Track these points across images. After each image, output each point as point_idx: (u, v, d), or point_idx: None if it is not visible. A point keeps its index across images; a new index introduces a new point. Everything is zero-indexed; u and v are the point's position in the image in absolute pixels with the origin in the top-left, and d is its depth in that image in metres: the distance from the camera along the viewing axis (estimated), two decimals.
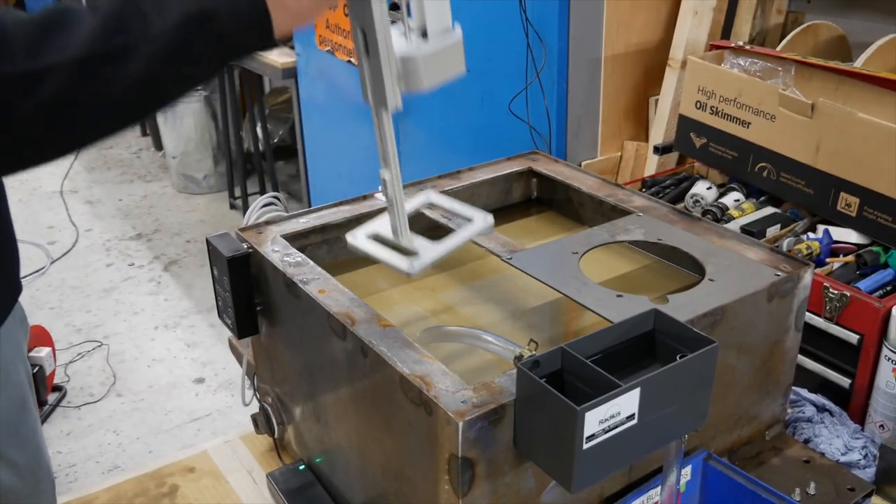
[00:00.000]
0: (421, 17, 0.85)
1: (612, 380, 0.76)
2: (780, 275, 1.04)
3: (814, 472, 1.10)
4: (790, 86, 1.61)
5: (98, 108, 0.66)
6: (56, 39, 0.63)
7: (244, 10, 0.69)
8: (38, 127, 0.64)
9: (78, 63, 0.63)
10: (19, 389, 0.96)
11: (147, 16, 0.65)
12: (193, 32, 0.67)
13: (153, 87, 0.67)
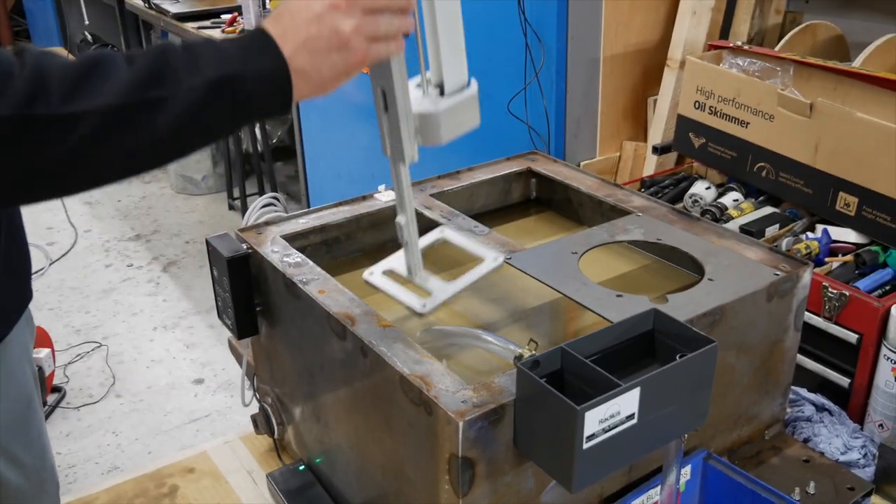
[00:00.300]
0: (439, 73, 0.88)
1: (611, 379, 0.76)
2: (779, 274, 1.04)
3: (813, 471, 1.10)
4: (789, 86, 1.61)
5: (122, 156, 0.68)
6: (92, 86, 0.65)
7: (269, 78, 0.72)
8: (64, 168, 0.66)
9: (111, 111, 0.65)
10: (25, 389, 0.97)
11: (179, 73, 0.68)
12: (220, 94, 0.70)
13: (176, 141, 0.70)
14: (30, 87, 0.63)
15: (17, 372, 0.94)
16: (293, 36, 0.73)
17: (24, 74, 0.64)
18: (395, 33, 0.78)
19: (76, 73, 0.66)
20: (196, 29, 3.64)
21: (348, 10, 0.74)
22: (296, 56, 0.73)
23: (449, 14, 0.86)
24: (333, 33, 0.74)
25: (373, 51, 0.76)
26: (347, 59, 0.75)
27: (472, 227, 1.19)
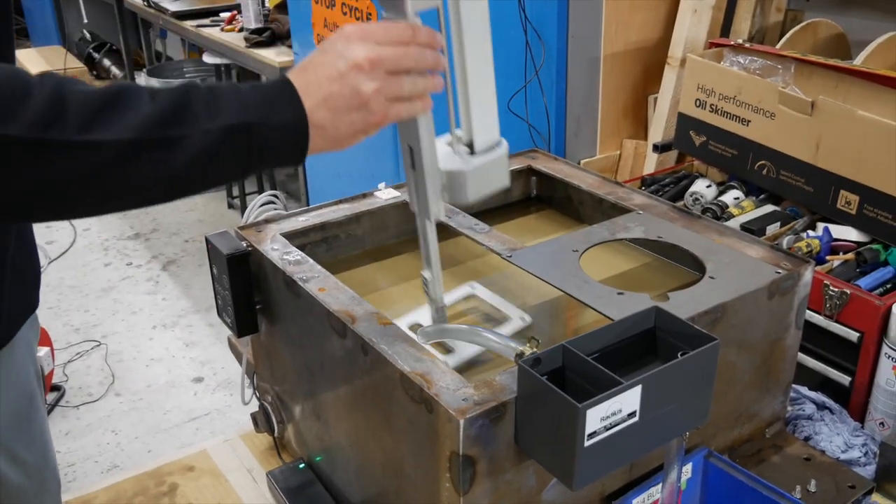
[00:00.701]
0: (469, 132, 0.88)
1: (613, 377, 0.75)
2: (780, 272, 1.04)
3: (814, 469, 1.10)
4: (790, 83, 1.61)
5: (133, 188, 0.68)
6: (112, 116, 0.65)
7: (287, 129, 0.72)
8: (73, 194, 0.66)
9: (127, 144, 0.65)
10: (28, 387, 0.96)
11: (198, 114, 0.68)
12: (236, 141, 0.70)
13: (187, 180, 0.71)
14: (48, 111, 0.63)
15: (20, 370, 0.94)
16: (315, 91, 0.73)
17: (44, 97, 0.64)
18: (420, 93, 0.78)
19: (97, 101, 0.66)
20: (195, 27, 3.63)
21: (371, 71, 0.74)
22: (316, 111, 0.73)
23: (481, 73, 0.86)
24: (354, 93, 0.74)
25: (393, 111, 0.76)
26: (366, 119, 0.76)
27: (473, 225, 1.19)
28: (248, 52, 3.24)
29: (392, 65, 0.74)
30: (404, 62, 0.75)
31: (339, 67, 0.73)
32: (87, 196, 0.67)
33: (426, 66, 0.77)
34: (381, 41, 0.74)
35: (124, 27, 4.95)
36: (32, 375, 0.98)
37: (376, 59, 0.74)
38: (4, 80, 0.63)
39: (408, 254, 1.24)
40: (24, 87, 0.64)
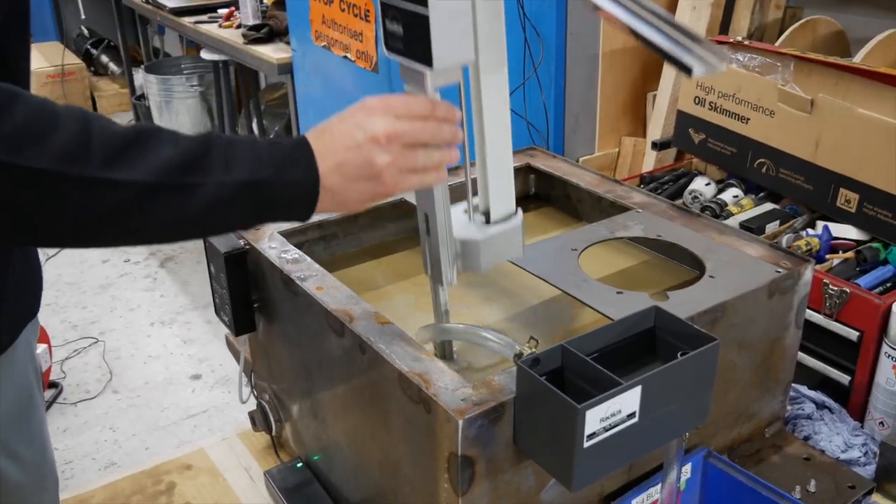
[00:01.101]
0: (486, 202, 0.90)
1: (612, 378, 0.75)
2: (780, 271, 1.04)
3: (814, 469, 1.09)
4: (789, 81, 1.60)
5: (144, 228, 0.70)
6: (134, 157, 0.67)
7: (299, 190, 0.74)
8: (85, 227, 0.68)
9: (146, 186, 0.67)
10: (28, 386, 0.96)
11: (215, 166, 0.70)
12: (248, 196, 0.72)
13: (199, 225, 0.73)
14: (72, 146, 0.64)
15: (20, 369, 0.94)
16: (331, 156, 0.75)
17: (71, 131, 0.65)
18: (435, 166, 0.79)
19: (121, 140, 0.67)
20: (193, 23, 3.62)
21: (388, 145, 0.76)
22: (329, 175, 0.75)
23: (499, 145, 0.89)
24: (367, 164, 0.76)
25: (405, 182, 0.78)
26: (375, 190, 0.77)
27: None
28: (246, 49, 3.23)
29: (409, 139, 0.77)
30: (421, 136, 0.77)
31: (357, 138, 0.76)
32: (102, 231, 0.69)
33: (443, 141, 0.79)
34: (400, 115, 0.77)
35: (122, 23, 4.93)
36: (32, 374, 0.98)
37: (393, 134, 0.76)
38: (34, 112, 0.64)
39: (406, 251, 1.23)
40: (52, 120, 0.65)
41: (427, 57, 0.77)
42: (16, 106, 0.63)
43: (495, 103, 0.87)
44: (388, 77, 2.50)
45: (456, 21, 0.77)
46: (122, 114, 5.53)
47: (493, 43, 0.84)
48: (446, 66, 0.78)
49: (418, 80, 0.80)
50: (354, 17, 2.58)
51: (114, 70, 5.66)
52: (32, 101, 0.65)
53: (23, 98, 0.64)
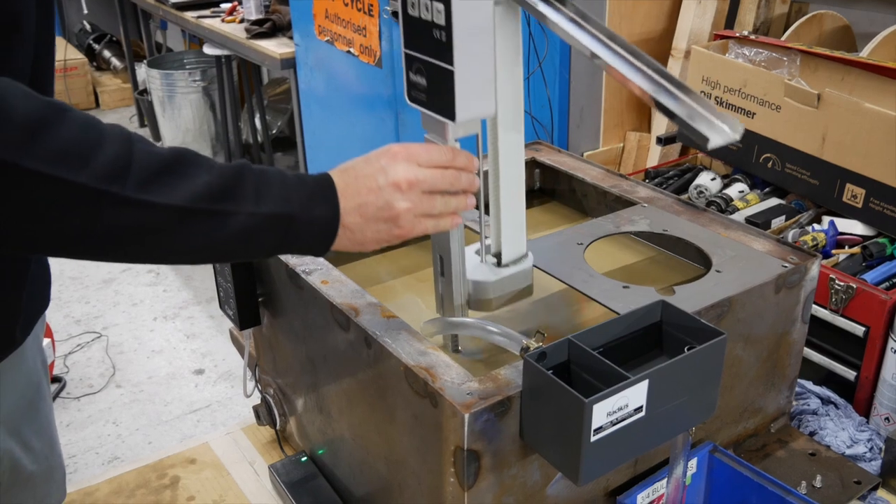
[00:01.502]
0: (497, 245, 0.94)
1: (620, 372, 0.75)
2: (787, 266, 1.03)
3: (819, 464, 1.09)
4: (795, 76, 1.59)
5: (170, 249, 0.72)
6: (170, 181, 0.69)
7: (320, 226, 0.77)
8: (119, 245, 0.70)
9: (178, 211, 0.69)
10: (36, 377, 0.97)
11: (247, 197, 0.72)
12: (273, 228, 0.74)
13: (221, 252, 0.75)
14: (113, 166, 0.66)
15: (29, 359, 0.95)
16: (352, 196, 0.78)
17: (114, 150, 0.66)
18: (451, 211, 0.82)
19: (158, 164, 0.69)
20: (195, 18, 3.62)
21: (408, 191, 0.79)
22: (348, 214, 0.78)
23: (514, 194, 0.92)
24: (386, 207, 0.79)
25: (420, 226, 0.81)
26: (392, 232, 0.80)
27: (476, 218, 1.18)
28: (249, 44, 3.22)
29: (428, 186, 0.80)
30: (440, 184, 0.81)
31: (379, 182, 0.79)
32: (132, 249, 0.71)
33: (460, 188, 0.82)
34: (422, 163, 0.80)
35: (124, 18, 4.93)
36: (39, 365, 0.99)
37: (414, 181, 0.79)
38: (81, 129, 0.66)
39: (411, 246, 1.23)
40: (97, 138, 0.66)
41: (450, 111, 0.81)
42: (64, 121, 0.65)
43: (512, 157, 0.90)
44: (392, 72, 2.49)
45: (479, 77, 0.81)
46: (124, 108, 5.53)
47: (512, 97, 0.87)
48: (468, 119, 0.81)
49: (439, 131, 0.84)
50: (358, 11, 2.57)
51: (116, 65, 5.65)
52: (79, 118, 0.66)
53: (71, 114, 0.66)
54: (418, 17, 0.81)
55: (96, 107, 5.57)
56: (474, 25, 0.78)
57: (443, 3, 0.77)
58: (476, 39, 0.79)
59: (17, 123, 0.62)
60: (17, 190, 0.63)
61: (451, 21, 0.77)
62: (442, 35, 0.79)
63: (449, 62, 0.79)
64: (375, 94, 2.62)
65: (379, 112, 2.64)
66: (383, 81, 2.56)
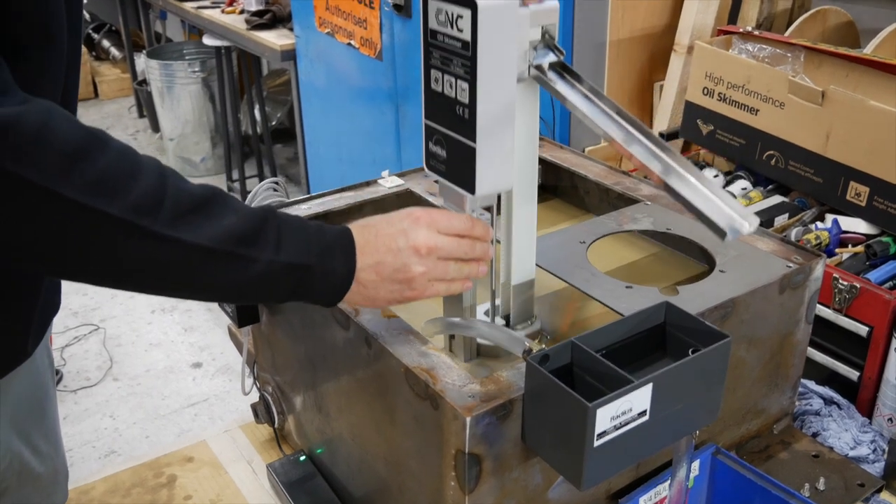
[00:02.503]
0: (507, 307, 0.95)
1: (624, 375, 0.74)
2: (791, 266, 1.02)
3: (823, 466, 1.08)
4: (799, 72, 1.58)
5: (189, 287, 0.74)
6: (198, 220, 0.70)
7: (335, 279, 0.79)
8: (142, 276, 0.71)
9: (202, 251, 0.70)
10: (43, 378, 0.97)
11: (269, 244, 0.74)
12: (290, 277, 0.76)
13: (238, 294, 0.77)
14: (147, 199, 0.67)
15: (37, 362, 0.94)
16: (370, 253, 0.80)
17: (149, 183, 0.68)
18: (463, 278, 0.84)
19: (189, 202, 0.70)
20: (195, 9, 3.59)
21: (426, 256, 0.81)
22: (364, 270, 0.80)
23: (525, 263, 0.94)
24: (403, 268, 0.80)
25: (432, 289, 0.83)
26: (404, 293, 0.82)
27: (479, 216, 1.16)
28: (249, 35, 3.20)
29: (445, 253, 0.82)
30: (456, 252, 0.83)
31: (399, 244, 0.80)
32: (151, 282, 0.72)
33: (474, 257, 0.84)
34: (441, 230, 0.82)
35: (124, 8, 4.90)
36: (46, 367, 0.99)
37: (433, 247, 0.81)
38: (118, 159, 0.67)
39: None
40: (133, 170, 0.67)
41: (470, 184, 0.82)
42: (103, 152, 0.66)
43: (525, 226, 0.93)
44: (392, 65, 2.47)
45: (500, 153, 0.82)
46: (122, 99, 5.50)
47: (529, 170, 0.89)
48: (487, 193, 0.83)
49: (457, 202, 0.86)
50: (359, 3, 2.55)
51: (115, 55, 5.62)
52: (117, 148, 0.67)
53: (110, 144, 0.67)
54: (441, 92, 0.82)
55: (95, 97, 5.54)
56: (498, 104, 0.79)
57: (468, 83, 0.78)
58: (498, 118, 0.80)
59: (59, 151, 0.63)
60: (52, 216, 0.63)
61: (476, 100, 0.78)
62: (465, 112, 0.80)
63: (471, 139, 0.80)
64: (376, 86, 2.60)
65: (379, 105, 2.62)
66: (384, 74, 2.54)
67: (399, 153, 2.59)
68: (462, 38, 0.77)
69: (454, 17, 0.78)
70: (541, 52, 0.83)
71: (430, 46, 0.82)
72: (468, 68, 0.78)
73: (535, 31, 0.81)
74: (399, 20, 2.38)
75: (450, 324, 0.93)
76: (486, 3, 0.75)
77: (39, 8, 0.69)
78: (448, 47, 0.79)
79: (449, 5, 0.78)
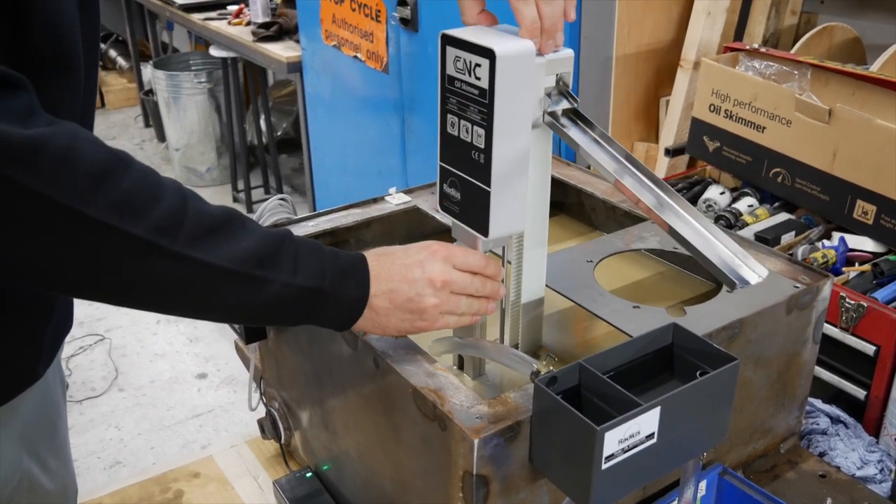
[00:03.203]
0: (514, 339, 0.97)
1: (632, 398, 0.74)
2: (798, 286, 1.02)
3: (830, 486, 1.08)
4: (806, 90, 1.58)
5: (205, 306, 0.75)
6: (217, 241, 0.71)
7: (347, 305, 0.80)
8: (159, 296, 0.72)
9: (219, 272, 0.71)
10: (55, 395, 0.97)
11: (284, 267, 0.75)
12: (303, 300, 0.77)
13: (252, 315, 0.78)
14: (168, 220, 0.68)
15: (48, 378, 0.94)
16: (385, 281, 0.81)
17: (170, 204, 0.69)
18: (473, 313, 0.86)
19: (208, 223, 0.71)
20: (202, 20, 3.61)
21: (440, 289, 0.82)
22: (377, 298, 0.81)
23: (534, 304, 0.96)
24: (416, 299, 0.82)
25: (442, 321, 0.85)
26: (415, 323, 0.83)
27: None
28: (255, 47, 3.22)
29: (458, 288, 0.84)
30: (469, 288, 0.85)
31: (415, 275, 0.82)
32: (168, 301, 0.73)
33: (485, 294, 0.86)
34: (457, 265, 0.84)
35: (131, 18, 4.93)
36: (58, 384, 0.99)
37: (448, 281, 0.83)
38: (141, 181, 0.68)
39: None
40: (155, 192, 0.68)
41: (483, 227, 0.84)
42: (127, 172, 0.67)
43: (535, 270, 0.94)
44: (399, 77, 2.48)
45: (513, 198, 0.83)
46: (129, 109, 5.52)
47: (540, 214, 0.91)
48: (500, 236, 0.85)
49: (470, 243, 0.88)
50: (365, 17, 2.56)
51: (122, 65, 5.65)
52: (141, 169, 0.69)
53: (134, 165, 0.68)
54: (457, 136, 0.83)
55: (101, 106, 5.56)
56: (513, 150, 0.81)
57: (484, 129, 0.79)
58: (513, 163, 0.82)
59: (85, 172, 0.64)
60: (76, 235, 0.65)
61: (492, 146, 0.79)
62: (480, 157, 0.81)
63: (486, 183, 0.81)
64: (382, 98, 2.61)
65: (385, 117, 2.63)
66: (390, 87, 2.55)
67: (405, 165, 2.60)
68: (480, 86, 0.79)
69: (472, 66, 0.79)
70: (555, 99, 0.84)
71: (447, 92, 0.84)
72: (485, 115, 0.79)
73: (549, 79, 0.83)
74: (405, 34, 2.39)
75: (457, 344, 0.94)
76: (505, 53, 0.77)
77: (58, 39, 0.71)
78: (465, 94, 0.81)
79: (468, 54, 0.79)
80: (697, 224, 0.79)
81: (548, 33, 0.80)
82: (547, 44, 0.80)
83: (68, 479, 1.01)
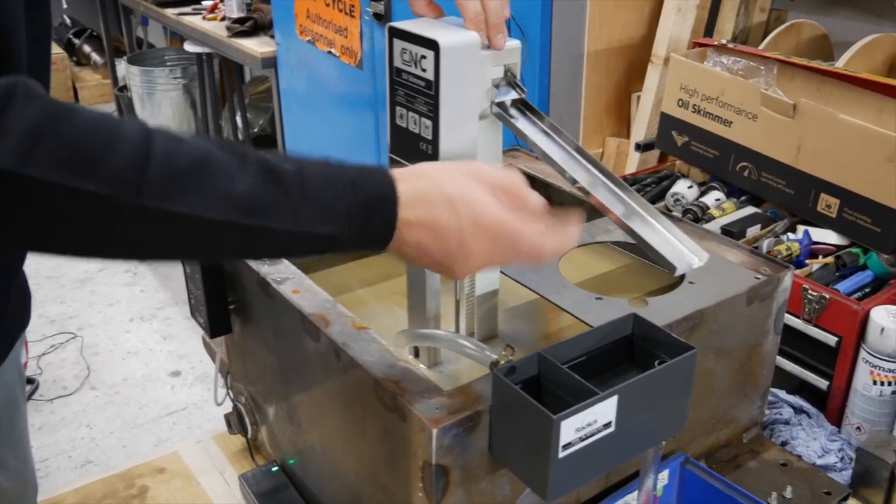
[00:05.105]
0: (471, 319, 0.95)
1: (589, 387, 0.74)
2: (759, 278, 1.03)
3: (791, 475, 1.09)
4: (772, 85, 1.60)
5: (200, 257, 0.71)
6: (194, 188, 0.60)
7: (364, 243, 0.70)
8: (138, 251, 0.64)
9: (204, 223, 0.61)
10: (13, 391, 0.95)
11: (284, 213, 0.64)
12: (315, 243, 0.67)
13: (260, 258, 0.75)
14: (126, 171, 0.59)
15: (6, 374, 0.92)
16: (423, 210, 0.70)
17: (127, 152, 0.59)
18: None
19: (183, 165, 0.60)
20: (176, 15, 3.59)
21: None
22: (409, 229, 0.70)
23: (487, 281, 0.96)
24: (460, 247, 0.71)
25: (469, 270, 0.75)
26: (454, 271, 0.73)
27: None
28: (230, 42, 3.20)
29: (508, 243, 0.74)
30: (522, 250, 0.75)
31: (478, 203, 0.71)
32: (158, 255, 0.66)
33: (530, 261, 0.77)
34: None
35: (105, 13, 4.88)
36: (17, 379, 0.97)
37: None
38: (90, 129, 0.59)
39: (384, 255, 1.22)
40: (107, 139, 0.59)
41: None
42: (71, 121, 0.58)
43: None
44: (373, 73, 2.48)
45: None
46: (103, 105, 5.47)
47: None
48: None
49: None
50: (339, 12, 2.56)
51: (96, 60, 5.60)
52: (90, 118, 0.60)
53: (80, 114, 0.59)
54: (406, 128, 0.84)
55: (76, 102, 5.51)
56: (460, 141, 0.81)
57: (431, 121, 0.80)
58: (461, 154, 0.82)
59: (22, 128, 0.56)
60: (26, 201, 0.57)
61: (439, 137, 0.79)
62: (428, 148, 0.81)
63: None
64: (356, 94, 2.61)
65: (359, 112, 2.63)
66: (364, 82, 2.55)
67: (379, 161, 2.60)
68: (426, 77, 0.79)
69: (418, 57, 0.79)
70: (503, 90, 0.85)
71: (395, 84, 0.84)
72: (431, 106, 0.79)
73: (497, 70, 0.83)
74: (379, 29, 2.39)
75: (417, 335, 0.94)
76: (449, 44, 0.77)
77: None
78: (412, 85, 0.81)
79: (414, 46, 0.80)
80: (644, 213, 0.80)
81: (495, 27, 0.79)
82: (497, 38, 0.80)
83: (27, 477, 0.99)
